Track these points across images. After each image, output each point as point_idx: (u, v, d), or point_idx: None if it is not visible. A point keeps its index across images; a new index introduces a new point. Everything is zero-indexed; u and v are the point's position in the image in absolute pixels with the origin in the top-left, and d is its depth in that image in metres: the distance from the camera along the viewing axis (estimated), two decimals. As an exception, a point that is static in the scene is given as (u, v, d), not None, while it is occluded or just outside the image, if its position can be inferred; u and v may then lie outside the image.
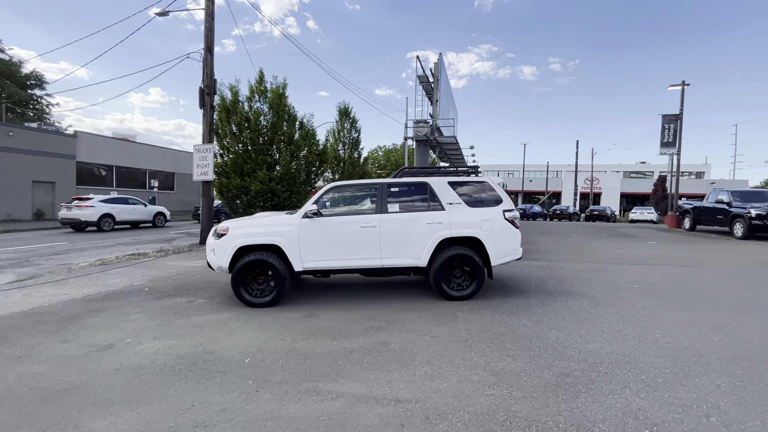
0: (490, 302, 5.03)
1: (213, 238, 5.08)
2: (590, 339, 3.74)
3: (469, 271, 5.10)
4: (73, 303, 5.17)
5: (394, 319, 4.42)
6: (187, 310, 4.83)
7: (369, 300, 5.20)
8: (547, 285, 5.99)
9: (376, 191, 5.18)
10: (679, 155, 18.41)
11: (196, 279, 6.63)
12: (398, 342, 3.72)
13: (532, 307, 4.82)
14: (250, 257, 4.82)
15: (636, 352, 3.41)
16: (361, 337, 3.85)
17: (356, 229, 4.97)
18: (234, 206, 13.01)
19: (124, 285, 6.25)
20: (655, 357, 3.32)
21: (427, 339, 3.78)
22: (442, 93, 21.91)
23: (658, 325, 4.11)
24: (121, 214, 16.72)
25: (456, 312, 4.63)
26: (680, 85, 18.11)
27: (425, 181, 5.25)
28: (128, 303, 5.15)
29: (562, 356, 3.34)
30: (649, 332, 3.91)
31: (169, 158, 27.53)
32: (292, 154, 13.09)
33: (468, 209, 5.13)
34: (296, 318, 4.48)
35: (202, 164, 11.51)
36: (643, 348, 3.52)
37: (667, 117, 18.71)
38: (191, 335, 3.94)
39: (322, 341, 3.76)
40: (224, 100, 13.09)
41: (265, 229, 4.91)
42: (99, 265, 8.17)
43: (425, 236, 5.00)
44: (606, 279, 6.38)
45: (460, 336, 3.85)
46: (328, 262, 4.96)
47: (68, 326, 4.22)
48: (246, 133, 12.70)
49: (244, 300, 4.86)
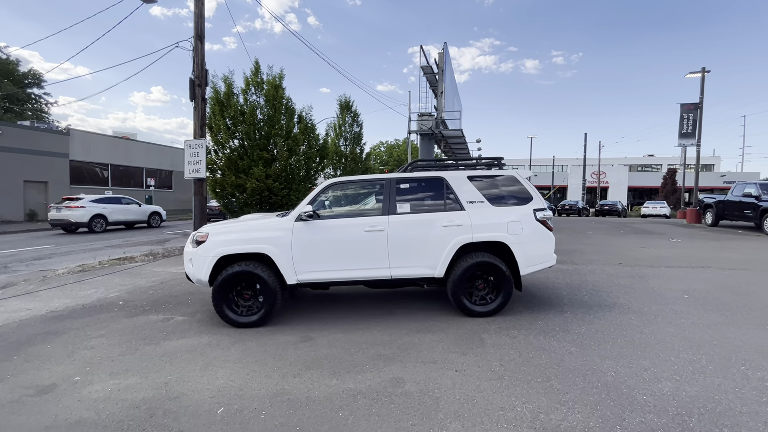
0: (519, 319, 4.23)
1: (191, 245, 4.31)
2: (659, 375, 2.94)
3: (493, 281, 4.30)
4: (31, 322, 4.43)
5: (407, 344, 3.64)
6: (160, 331, 4.06)
7: (375, 316, 4.42)
8: (581, 295, 5.18)
9: (382, 188, 4.38)
10: (699, 146, 17.47)
11: (180, 290, 5.87)
12: (415, 379, 2.94)
13: (572, 325, 4.03)
14: (234, 269, 4.04)
15: (728, 397, 2.61)
16: (368, 372, 3.07)
17: (359, 234, 4.18)
18: (230, 205, 12.25)
19: (98, 297, 5.50)
20: (757, 404, 2.52)
21: (450, 375, 3.00)
22: (447, 84, 21.01)
23: (739, 353, 3.31)
24: (113, 215, 15.99)
25: (481, 333, 3.84)
26: (700, 72, 17.10)
27: (441, 175, 4.44)
28: (94, 322, 4.39)
29: (632, 404, 2.55)
30: (731, 364, 3.11)
31: (166, 156, 26.83)
32: (291, 150, 12.28)
33: (492, 209, 4.32)
34: (288, 343, 3.71)
35: (193, 161, 10.74)
36: (734, 389, 2.71)
37: (685, 106, 17.72)
38: (157, 369, 3.17)
39: (318, 378, 2.98)
40: (217, 93, 12.29)
41: (251, 235, 4.14)
42: (78, 272, 7.44)
43: (442, 241, 4.20)
44: (647, 286, 5.56)
45: (492, 370, 3.06)
46: (326, 273, 4.18)
47: (11, 357, 3.47)
48: (241, 128, 11.90)
49: (227, 319, 4.09)
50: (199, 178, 10.67)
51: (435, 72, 20.92)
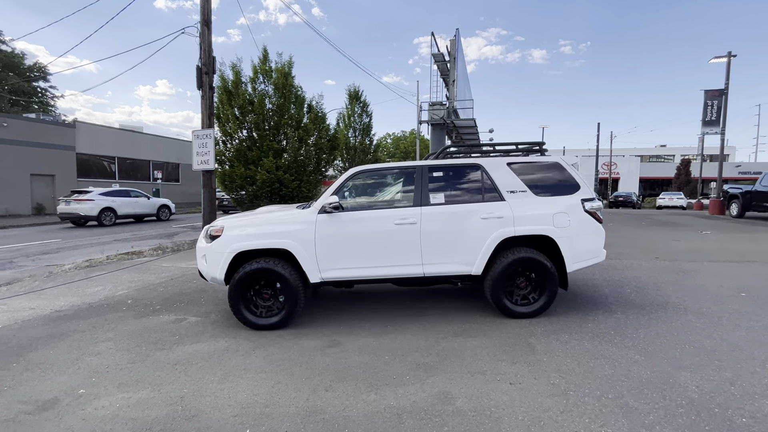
0: (565, 321, 3.83)
1: (204, 240, 3.94)
2: (750, 390, 2.53)
3: (536, 279, 3.89)
4: (34, 323, 4.11)
5: (447, 349, 3.25)
6: (172, 334, 3.72)
7: (405, 317, 4.04)
8: (625, 292, 4.76)
9: (413, 177, 3.97)
10: (723, 134, 16.75)
11: (191, 287, 5.53)
12: (465, 394, 2.56)
13: (627, 328, 3.61)
14: (252, 266, 3.67)
15: None
16: (409, 385, 2.69)
17: (389, 227, 3.78)
18: (239, 198, 11.91)
19: (105, 295, 5.18)
20: None
21: (505, 389, 2.61)
22: (459, 73, 20.39)
23: (833, 363, 2.88)
24: (122, 208, 15.76)
25: (528, 338, 3.45)
26: (725, 57, 16.32)
27: (478, 162, 4.01)
28: (101, 323, 4.06)
29: (731, 428, 2.15)
30: (830, 376, 2.68)
31: (173, 149, 26.53)
32: (301, 140, 11.88)
33: (536, 199, 3.90)
34: (314, 348, 3.34)
35: (202, 152, 10.37)
36: None
37: (710, 92, 16.97)
38: (171, 381, 2.82)
39: (354, 392, 2.61)
40: (225, 81, 11.88)
41: (270, 229, 3.75)
42: (85, 267, 7.15)
43: (480, 235, 3.80)
44: (696, 283, 5.12)
45: (552, 383, 2.67)
46: (352, 271, 3.80)
47: (10, 364, 3.14)
48: (250, 117, 11.51)
49: (245, 321, 3.73)
50: (208, 169, 10.31)
51: (446, 60, 20.30)
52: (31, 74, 35.53)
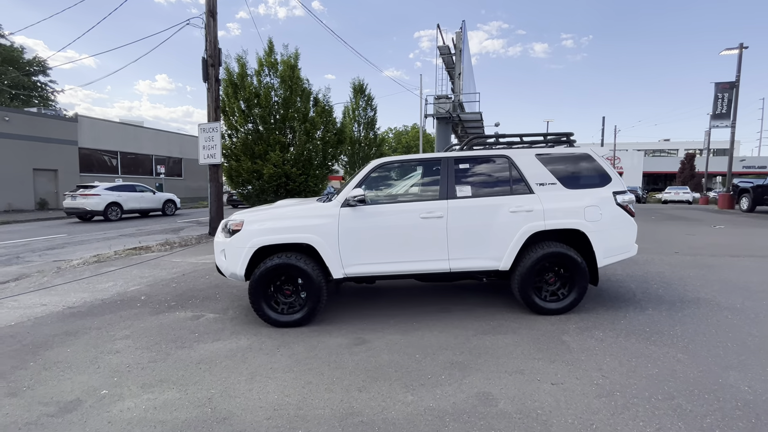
0: (596, 317, 3.71)
1: (223, 235, 3.81)
2: (807, 391, 2.41)
3: (566, 275, 3.77)
4: (47, 320, 4.00)
5: (479, 347, 3.14)
6: (191, 332, 3.61)
7: (429, 314, 3.93)
8: (652, 288, 4.63)
9: (438, 169, 3.83)
10: (734, 128, 16.54)
11: (204, 282, 5.42)
12: (507, 395, 2.44)
13: (662, 325, 3.49)
14: (273, 261, 3.55)
15: None
16: (446, 386, 2.57)
17: (415, 221, 3.65)
18: (246, 193, 11.79)
19: (117, 291, 5.07)
20: None
21: (548, 390, 2.50)
22: (465, 66, 20.14)
23: None
24: (128, 203, 15.72)
25: (560, 335, 3.33)
26: (737, 49, 16.04)
27: (505, 153, 3.87)
28: (116, 320, 3.95)
29: (798, 432, 2.03)
30: None
31: (175, 143, 26.34)
32: (308, 133, 11.73)
33: (566, 192, 3.76)
34: (340, 347, 3.23)
35: (208, 145, 10.23)
36: None
37: (720, 85, 16.72)
38: (196, 380, 2.71)
39: (389, 393, 2.50)
40: (230, 74, 11.71)
41: (292, 223, 3.62)
42: (94, 262, 7.04)
43: (509, 229, 3.67)
44: (722, 278, 4.99)
45: (595, 383, 2.55)
46: (376, 266, 3.68)
47: (27, 363, 3.03)
48: (256, 111, 11.35)
49: (266, 318, 3.62)
50: (215, 163, 10.18)
51: (452, 53, 20.02)
52: (30, 68, 35.23)
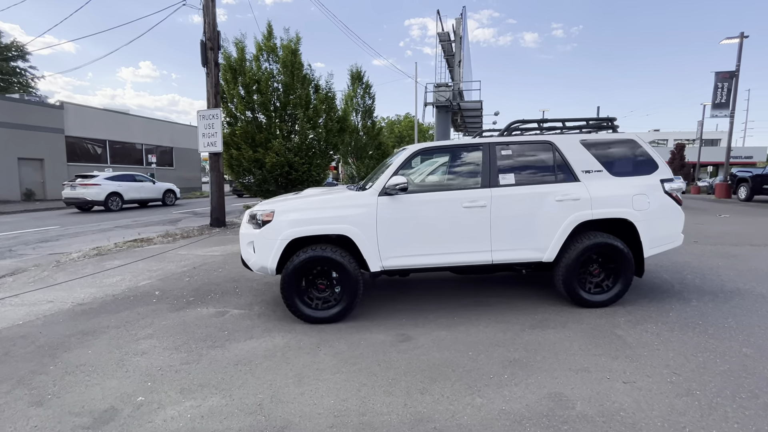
0: (643, 310, 3.59)
1: (250, 226, 3.56)
2: None
3: (610, 266, 3.63)
4: (58, 318, 3.72)
5: (532, 343, 2.98)
6: (219, 329, 3.38)
7: (467, 307, 3.76)
8: (687, 278, 4.54)
9: (479, 156, 3.62)
10: (733, 117, 16.65)
11: (219, 275, 5.17)
12: (580, 396, 2.29)
13: (713, 317, 3.38)
14: (307, 253, 3.32)
15: None
16: (512, 386, 2.41)
17: (457, 211, 3.45)
18: (247, 183, 11.42)
19: (127, 286, 4.78)
20: None
21: (622, 389, 2.35)
22: (464, 53, 19.82)
23: None
24: (129, 193, 15.41)
25: (613, 329, 3.19)
26: (738, 38, 16.07)
27: (549, 139, 3.67)
28: (134, 317, 3.69)
29: None
30: None
31: (166, 132, 25.55)
32: (311, 121, 11.37)
33: (613, 179, 3.59)
34: (385, 344, 3.04)
35: (208, 133, 9.82)
36: None
37: (720, 75, 16.78)
38: (239, 384, 2.49)
39: (454, 395, 2.32)
40: (229, 59, 11.24)
41: (328, 213, 3.39)
42: (94, 255, 6.70)
43: (555, 219, 3.49)
44: (751, 267, 4.93)
45: (669, 381, 2.41)
46: (416, 259, 3.48)
47: (47, 366, 2.77)
48: (255, 97, 10.93)
49: (300, 314, 3.40)
50: (216, 152, 9.79)
51: (452, 40, 19.66)
52: (8, 53, 33.69)
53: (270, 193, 11.71)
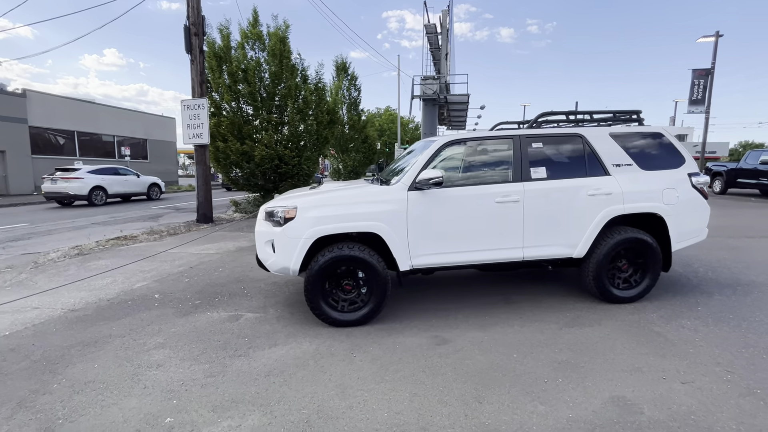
0: (671, 305, 3.57)
1: (268, 224, 3.30)
2: None
3: (639, 261, 3.58)
4: (51, 328, 3.35)
5: (574, 342, 2.88)
6: (237, 336, 3.12)
7: (494, 305, 3.64)
8: (700, 271, 4.59)
9: (510, 149, 3.48)
10: (708, 113, 17.35)
11: (221, 276, 4.85)
12: (643, 398, 2.19)
13: (742, 311, 3.40)
14: (333, 253, 3.10)
15: None
16: (570, 390, 2.29)
17: (490, 206, 3.30)
18: (233, 177, 10.93)
19: (121, 289, 4.41)
20: None
21: (682, 389, 2.27)
22: (451, 46, 19.72)
23: None
24: (113, 187, 14.67)
25: (649, 326, 3.14)
26: (713, 36, 16.69)
27: (579, 132, 3.57)
28: (139, 325, 3.37)
29: None
30: None
31: (139, 123, 24.25)
32: (301, 112, 10.96)
33: (642, 173, 3.53)
34: (421, 347, 2.87)
35: (193, 124, 9.31)
36: None
37: (697, 72, 17.42)
38: (278, 398, 2.27)
39: (513, 402, 2.18)
40: (213, 46, 10.65)
41: (356, 210, 3.17)
42: (76, 255, 6.20)
43: (587, 214, 3.41)
44: (756, 259, 5.04)
45: (724, 379, 2.36)
46: (446, 256, 3.32)
47: (49, 385, 2.45)
48: (243, 87, 10.41)
49: (325, 317, 3.18)
50: (202, 144, 9.31)
51: (438, 32, 19.52)
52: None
53: (258, 188, 11.27)
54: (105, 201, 14.41)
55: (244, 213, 11.04)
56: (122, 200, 15.81)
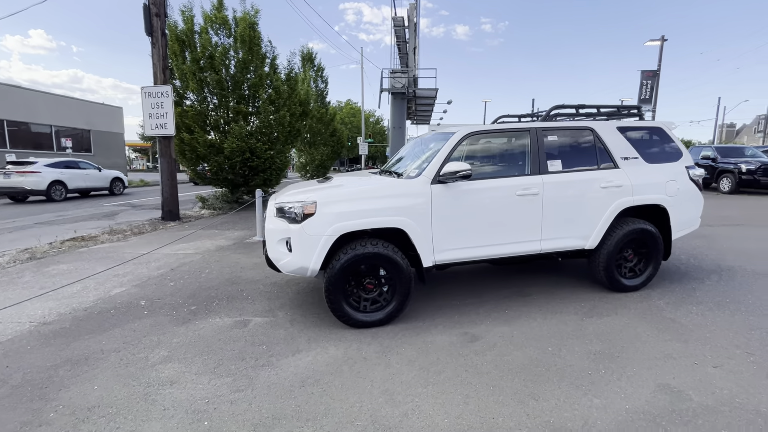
0: (670, 292, 3.75)
1: (282, 221, 3.04)
2: None
3: (643, 250, 3.73)
4: (24, 345, 2.88)
5: (600, 332, 2.93)
6: (252, 343, 2.86)
7: (511, 299, 3.64)
8: (682, 258, 4.89)
9: (528, 141, 3.46)
10: (654, 111, 18.80)
11: (210, 278, 4.47)
12: (686, 385, 2.26)
13: (734, 295, 3.64)
14: (356, 250, 2.92)
15: None
16: (617, 381, 2.31)
17: (511, 199, 3.27)
18: (202, 171, 10.22)
19: (96, 296, 3.93)
20: None
21: (716, 374, 2.36)
22: (418, 40, 19.72)
23: None
24: (73, 181, 13.62)
25: (660, 312, 3.27)
26: (659, 40, 18.08)
27: (590, 126, 3.63)
28: (132, 336, 3.00)
29: None
30: None
31: (80, 112, 22.00)
32: (273, 102, 10.45)
33: (647, 166, 3.67)
34: (455, 345, 2.78)
35: (156, 113, 8.57)
36: None
37: (645, 73, 18.81)
38: (324, 412, 2.07)
39: (567, 397, 2.15)
40: (175, 30, 9.84)
41: (378, 204, 2.99)
42: (28, 260, 5.48)
43: (600, 206, 3.48)
44: (725, 247, 5.47)
45: (749, 361, 2.50)
46: (468, 251, 3.25)
47: (44, 414, 2.08)
48: (210, 75, 9.72)
49: (347, 318, 3.00)
50: (167, 135, 8.59)
51: (405, 25, 19.43)
52: None
53: (227, 182, 10.64)
54: (65, 196, 13.41)
55: (212, 209, 10.38)
56: (81, 195, 14.75)
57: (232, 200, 10.81)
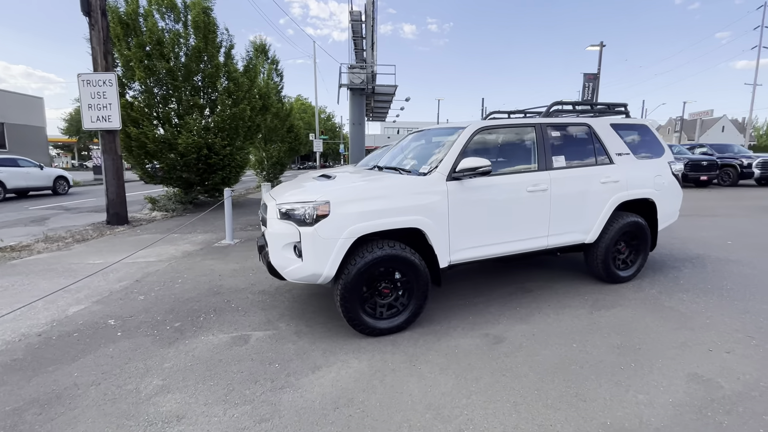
0: (657, 281, 3.96)
1: (288, 224, 2.72)
2: None
3: (633, 243, 3.90)
4: (-34, 386, 2.32)
5: (613, 325, 2.99)
6: (260, 362, 2.54)
7: (513, 294, 3.62)
8: (662, 248, 5.22)
9: (533, 137, 3.44)
10: (595, 113, 20.30)
11: (186, 288, 4.00)
12: (711, 372, 2.34)
13: (711, 281, 3.92)
14: (374, 252, 2.70)
15: None
16: (649, 374, 2.33)
17: (523, 196, 3.23)
18: (152, 169, 9.26)
19: (50, 317, 3.32)
20: None
21: (732, 359, 2.48)
22: (376, 36, 19.54)
23: None
24: (12, 180, 12.71)
25: (657, 302, 3.42)
26: (598, 46, 19.55)
27: (587, 122, 3.70)
28: (110, 364, 2.54)
29: None
30: None
31: (-12, 102, 19.14)
32: (231, 95, 9.74)
33: (637, 162, 3.82)
34: (481, 348, 2.68)
35: (97, 104, 7.61)
36: None
37: (587, 75, 20.26)
38: (370, 436, 1.86)
39: (611, 394, 2.13)
40: (116, 11, 8.80)
41: (395, 203, 2.79)
42: (-55, 277, 4.56)
43: (599, 200, 3.56)
44: (685, 236, 5.93)
45: (751, 344, 2.66)
46: (482, 249, 3.16)
47: (20, 476, 1.65)
48: (160, 63, 8.81)
49: (363, 326, 2.78)
50: (111, 129, 7.66)
51: (362, 20, 19.15)
52: None
53: (181, 181, 9.77)
54: (4, 197, 12.56)
55: (164, 211, 9.47)
56: (18, 196, 13.43)
57: (186, 201, 9.94)
